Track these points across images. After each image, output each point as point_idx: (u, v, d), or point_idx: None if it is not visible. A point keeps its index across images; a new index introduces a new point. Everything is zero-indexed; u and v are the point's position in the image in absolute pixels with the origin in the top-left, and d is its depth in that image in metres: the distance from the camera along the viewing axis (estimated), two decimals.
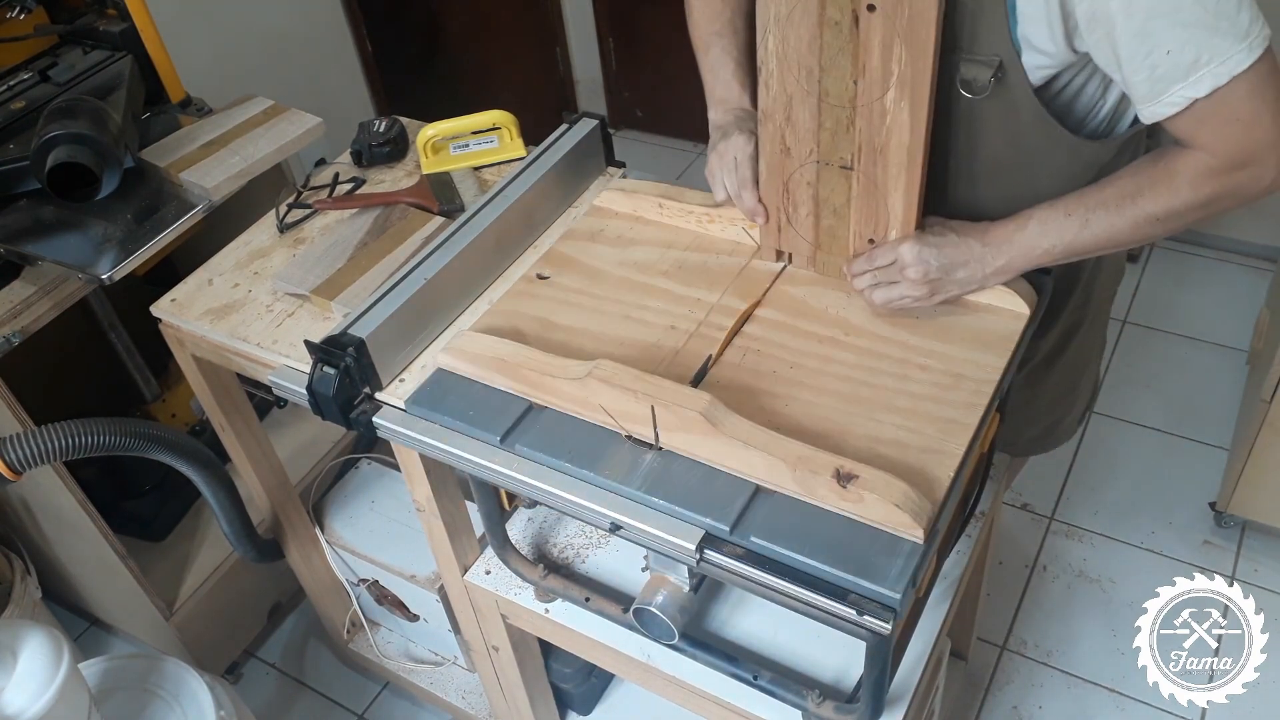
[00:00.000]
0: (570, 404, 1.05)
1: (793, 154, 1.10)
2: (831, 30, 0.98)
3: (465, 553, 1.39)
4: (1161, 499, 2.18)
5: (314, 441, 2.02)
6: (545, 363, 1.06)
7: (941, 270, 1.06)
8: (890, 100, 1.00)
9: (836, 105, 1.03)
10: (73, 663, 1.18)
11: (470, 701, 1.82)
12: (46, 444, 1.24)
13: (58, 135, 1.40)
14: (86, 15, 1.74)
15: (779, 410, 1.03)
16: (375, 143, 1.55)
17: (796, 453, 0.94)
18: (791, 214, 1.15)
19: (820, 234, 1.15)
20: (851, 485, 0.90)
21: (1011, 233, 1.05)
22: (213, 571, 1.93)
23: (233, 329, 1.29)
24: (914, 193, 1.05)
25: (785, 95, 1.05)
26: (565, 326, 1.16)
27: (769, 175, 1.14)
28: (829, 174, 1.09)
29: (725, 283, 1.19)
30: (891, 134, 1.02)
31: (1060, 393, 1.44)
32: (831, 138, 1.06)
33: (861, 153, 1.05)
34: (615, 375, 1.00)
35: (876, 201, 1.08)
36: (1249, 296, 2.55)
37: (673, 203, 1.27)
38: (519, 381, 1.08)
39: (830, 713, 1.10)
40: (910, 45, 0.95)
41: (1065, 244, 1.03)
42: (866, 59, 0.98)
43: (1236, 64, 0.88)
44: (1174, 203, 0.98)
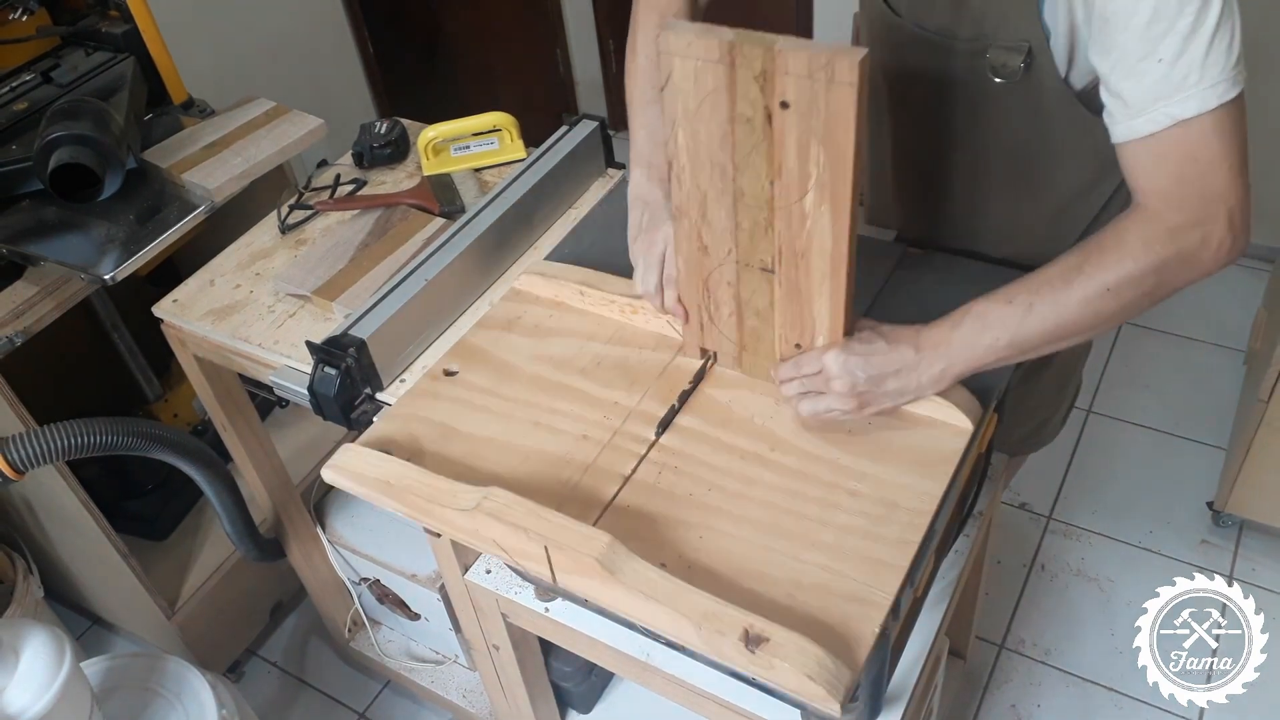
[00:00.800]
0: (461, 535, 0.96)
1: (710, 253, 1.02)
2: (744, 127, 0.90)
3: (466, 552, 1.39)
4: (1159, 498, 2.19)
5: (315, 441, 2.02)
6: (432, 489, 0.96)
7: (870, 382, 0.98)
8: (810, 204, 0.91)
9: (753, 205, 0.95)
10: (75, 662, 1.18)
11: (471, 700, 1.82)
12: (49, 444, 1.25)
13: (60, 136, 1.40)
14: (89, 17, 1.75)
15: (692, 543, 0.94)
16: (376, 144, 1.55)
17: (702, 608, 0.85)
18: (714, 313, 1.07)
19: (744, 335, 1.06)
20: (760, 650, 0.82)
21: (946, 332, 0.97)
22: (214, 570, 1.93)
23: (234, 329, 1.30)
24: (840, 299, 0.97)
25: (699, 192, 0.97)
26: (467, 435, 1.06)
27: (688, 272, 1.05)
28: (749, 275, 1.01)
29: (646, 384, 1.10)
30: (813, 238, 0.94)
31: (1053, 390, 1.44)
32: (750, 239, 0.98)
33: (782, 256, 0.97)
34: (505, 510, 0.92)
35: (800, 307, 1.00)
36: (1247, 296, 2.55)
37: (594, 291, 1.18)
38: (406, 506, 0.98)
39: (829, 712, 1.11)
40: (828, 147, 0.87)
41: (1009, 336, 0.95)
42: (782, 159, 0.90)
43: (1223, 92, 0.86)
44: (1125, 269, 0.91)
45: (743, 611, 0.84)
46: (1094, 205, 1.18)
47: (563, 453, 1.03)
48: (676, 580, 0.87)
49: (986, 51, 1.01)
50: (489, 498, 0.93)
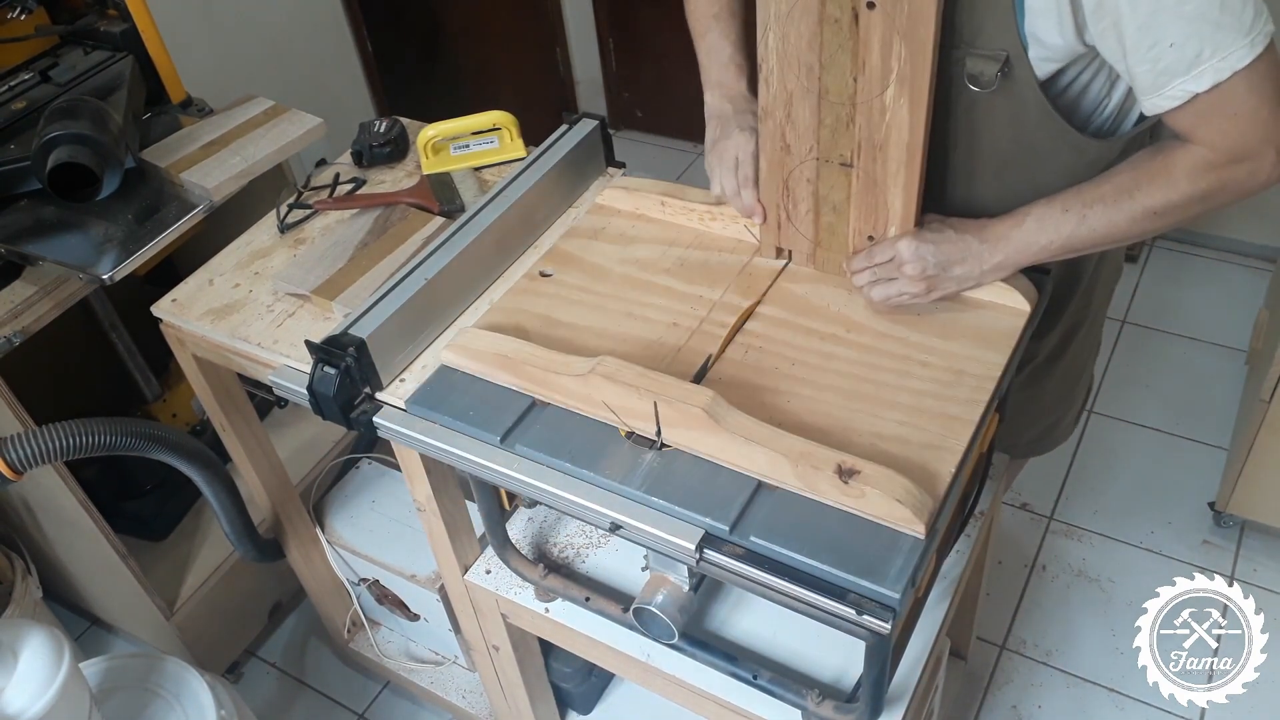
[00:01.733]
0: (573, 400, 1.05)
1: (793, 151, 1.10)
2: (831, 27, 0.98)
3: (465, 552, 1.39)
4: (1161, 499, 2.18)
5: (314, 441, 2.02)
6: (548, 359, 1.06)
7: (939, 267, 1.07)
8: (890, 97, 1.00)
9: (836, 102, 1.03)
10: (73, 662, 1.18)
11: (470, 701, 1.82)
12: (47, 444, 1.24)
13: (59, 135, 1.40)
14: (87, 16, 1.75)
15: (781, 407, 1.04)
16: (376, 143, 1.55)
17: (798, 448, 0.94)
18: (791, 211, 1.16)
19: (820, 231, 1.15)
20: (853, 481, 0.90)
21: (1009, 229, 1.06)
22: (213, 571, 1.93)
23: (233, 329, 1.30)
24: (913, 190, 1.06)
25: (785, 92, 1.06)
26: (568, 324, 1.16)
27: (769, 172, 1.14)
28: (829, 171, 1.09)
29: (727, 280, 1.20)
30: (891, 131, 1.02)
31: (1060, 393, 1.44)
32: (831, 135, 1.06)
33: (861, 150, 1.06)
34: (618, 371, 1.01)
35: (876, 199, 1.08)
36: (1248, 296, 2.55)
37: (674, 200, 1.28)
38: (522, 378, 1.08)
39: (830, 712, 1.11)
40: (909, 42, 0.95)
41: (1063, 239, 1.04)
42: (866, 56, 0.98)
43: (1238, 59, 0.88)
44: (1172, 196, 0.98)
45: (835, 450, 0.93)
46: None
47: (656, 337, 1.13)
48: (773, 427, 0.96)
49: (964, 61, 1.02)
50: (601, 363, 1.02)
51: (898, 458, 0.96)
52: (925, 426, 0.99)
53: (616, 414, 1.02)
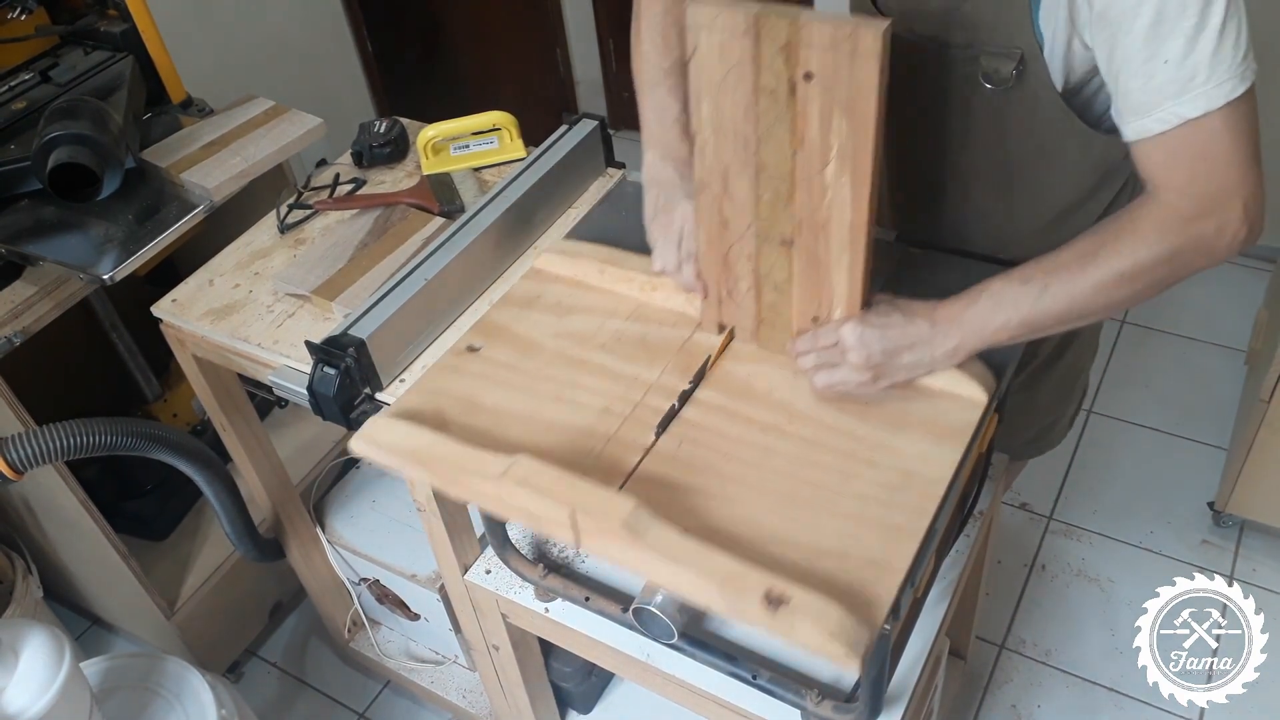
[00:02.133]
0: (489, 503, 0.98)
1: (731, 226, 1.03)
2: (767, 98, 0.92)
3: (465, 552, 1.39)
4: (1160, 499, 2.18)
5: (315, 441, 2.02)
6: (460, 458, 0.97)
7: (885, 355, 0.99)
8: (830, 174, 0.93)
9: (775, 177, 0.96)
10: (74, 662, 1.18)
11: (471, 700, 1.82)
12: (48, 444, 1.24)
13: (59, 136, 1.40)
14: (87, 16, 1.75)
15: (714, 511, 0.95)
16: (376, 143, 1.55)
17: (725, 569, 0.86)
18: (733, 287, 1.08)
19: (763, 309, 1.08)
20: (781, 610, 0.83)
21: (962, 309, 0.98)
22: (214, 571, 1.93)
23: (234, 329, 1.30)
24: (858, 271, 0.99)
25: (721, 165, 0.99)
26: (491, 408, 1.07)
27: (708, 246, 1.07)
28: (769, 249, 1.02)
29: (665, 359, 1.11)
30: (833, 210, 0.96)
31: (1058, 395, 1.44)
32: (771, 211, 0.99)
33: (802, 228, 0.99)
34: (533, 476, 0.93)
35: (819, 279, 1.01)
36: (1247, 296, 2.55)
37: (614, 269, 1.19)
38: (435, 476, 1.00)
39: (829, 712, 1.11)
40: (851, 117, 0.89)
41: (1021, 316, 0.96)
42: (805, 129, 0.92)
43: (1230, 90, 0.86)
44: (1140, 255, 0.92)
45: (765, 572, 0.86)
46: (1092, 213, 1.17)
47: (586, 424, 1.04)
48: (700, 543, 0.89)
49: (979, 58, 1.01)
50: (516, 465, 0.94)
51: (834, 577, 0.88)
52: (866, 539, 0.91)
53: (535, 520, 0.94)
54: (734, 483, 0.98)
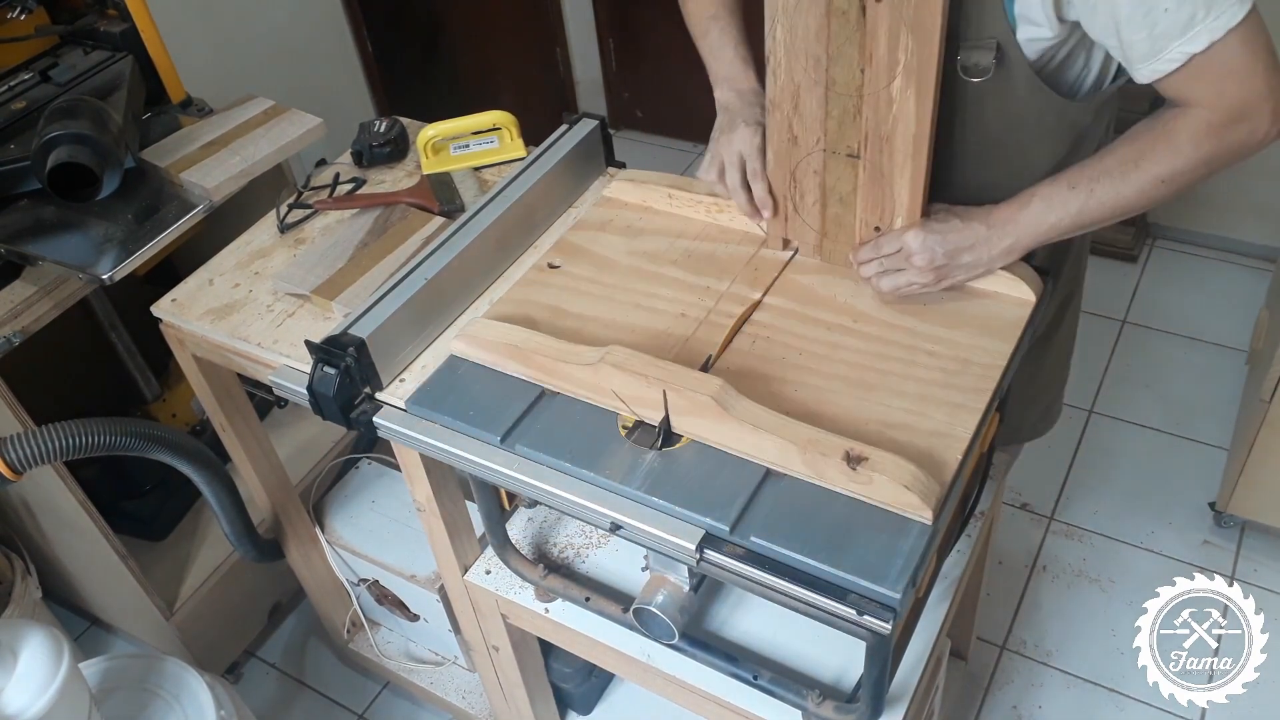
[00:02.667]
0: (583, 389, 1.06)
1: (800, 143, 1.11)
2: (839, 19, 0.99)
3: (465, 552, 1.39)
4: (1161, 499, 2.18)
5: (314, 441, 2.02)
6: (557, 348, 1.07)
7: (947, 256, 1.07)
8: (896, 89, 1.01)
9: (843, 94, 1.04)
10: (73, 662, 1.18)
11: (470, 701, 1.82)
12: (47, 444, 1.24)
13: (58, 135, 1.40)
14: (87, 16, 1.75)
15: (788, 395, 1.04)
16: (376, 143, 1.55)
17: (806, 435, 0.94)
18: (798, 202, 1.16)
19: (827, 222, 1.16)
20: (861, 467, 0.91)
21: (1015, 212, 1.06)
22: (213, 571, 1.93)
23: (233, 329, 1.30)
24: (919, 181, 1.07)
25: (793, 84, 1.07)
26: (576, 314, 1.17)
27: (776, 164, 1.15)
28: (835, 162, 1.10)
29: (734, 271, 1.20)
30: (898, 122, 1.03)
31: (1056, 368, 1.45)
32: (838, 126, 1.07)
33: (868, 141, 1.06)
34: (627, 361, 1.01)
35: (882, 190, 1.09)
36: (1248, 296, 2.55)
37: (682, 193, 1.29)
38: (531, 367, 1.09)
39: (830, 712, 1.10)
40: (917, 34, 0.96)
41: (1072, 216, 1.04)
42: (873, 48, 0.99)
43: (1231, 18, 0.90)
44: (1177, 162, 0.99)
45: (842, 438, 0.94)
46: None
47: (664, 328, 1.14)
48: (782, 415, 0.97)
49: (957, 53, 1.03)
50: (611, 352, 1.03)
51: (904, 445, 0.96)
52: (931, 414, 1.00)
53: (626, 403, 1.03)
54: (806, 372, 1.07)
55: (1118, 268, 2.72)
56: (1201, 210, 2.68)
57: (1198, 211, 2.69)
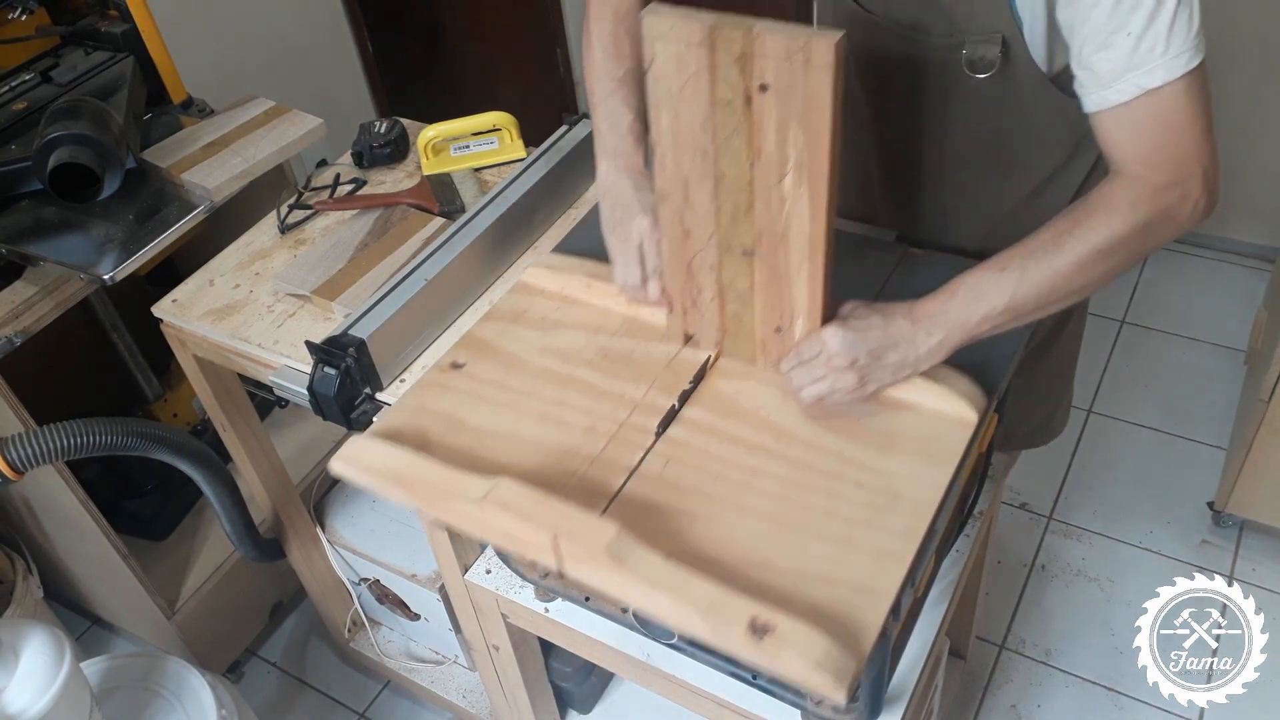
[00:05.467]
0: (470, 525, 0.97)
1: (693, 237, 1.03)
2: (724, 110, 0.92)
3: (465, 552, 1.39)
4: (1160, 499, 2.19)
5: (315, 441, 2.02)
6: (442, 480, 0.96)
7: (870, 356, 0.98)
8: (788, 185, 0.93)
9: (734, 188, 0.97)
10: (74, 662, 1.18)
11: (471, 700, 1.82)
12: (48, 444, 1.24)
13: (60, 136, 1.40)
14: (88, 16, 1.75)
15: (699, 534, 0.94)
16: (376, 144, 1.55)
17: (708, 597, 0.85)
18: (697, 298, 1.08)
19: (726, 320, 1.08)
20: (767, 639, 0.82)
21: (942, 305, 0.98)
22: (214, 571, 1.93)
23: (234, 329, 1.30)
24: (818, 282, 0.99)
25: (681, 175, 0.99)
26: (475, 427, 1.05)
27: (671, 256, 1.06)
28: (731, 259, 1.02)
29: (652, 375, 1.09)
30: (791, 220, 0.95)
31: (1056, 377, 1.44)
32: (731, 222, 0.99)
33: (762, 239, 0.98)
34: (515, 500, 0.92)
35: (781, 289, 1.01)
36: (1247, 296, 2.56)
37: (601, 283, 1.18)
38: (416, 498, 0.99)
39: (829, 712, 1.11)
40: (806, 129, 0.89)
41: (1004, 303, 0.96)
42: (762, 141, 0.92)
43: (1187, 61, 0.90)
44: (1114, 229, 0.93)
45: (749, 600, 0.84)
46: (1070, 185, 1.20)
47: (570, 444, 1.03)
48: (683, 569, 0.87)
49: (962, 47, 1.02)
50: (497, 488, 0.93)
51: (821, 605, 0.86)
52: (854, 563, 0.90)
53: (516, 543, 0.93)
54: (720, 505, 0.96)
55: None
56: None
57: None
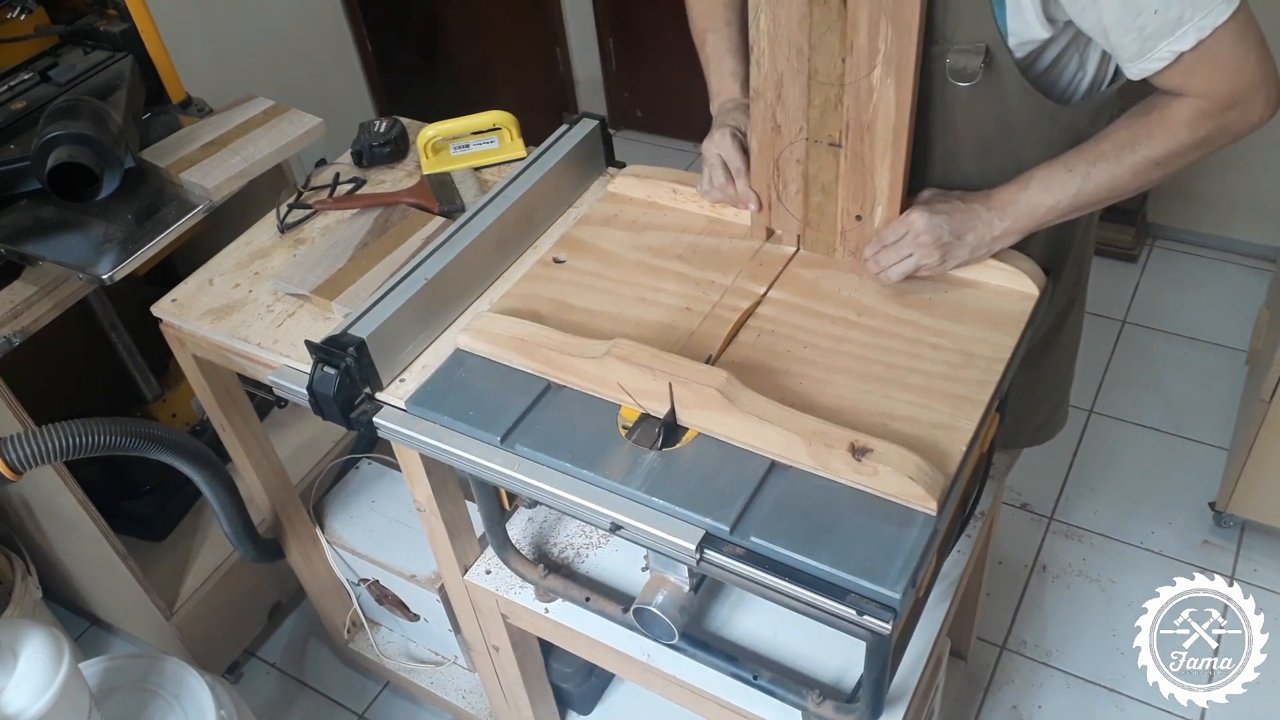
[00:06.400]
0: (588, 383, 1.07)
1: (783, 132, 1.12)
2: (820, 8, 1.01)
3: (465, 552, 1.39)
4: (1161, 499, 2.18)
5: (314, 441, 2.02)
6: (563, 342, 1.07)
7: (953, 234, 1.09)
8: (877, 78, 1.02)
9: (825, 83, 1.06)
10: (73, 662, 1.18)
11: (470, 701, 1.82)
12: (47, 444, 1.24)
13: (58, 135, 1.40)
14: (87, 16, 1.74)
15: (793, 388, 1.05)
16: (376, 143, 1.55)
17: (811, 427, 0.95)
18: (782, 191, 1.18)
19: (809, 211, 1.17)
20: (866, 459, 0.91)
21: (1014, 194, 1.08)
22: (213, 571, 1.93)
23: (233, 329, 1.30)
24: (899, 170, 1.08)
25: (776, 73, 1.08)
26: (582, 308, 1.18)
27: (760, 153, 1.16)
28: (818, 151, 1.11)
29: (738, 266, 1.21)
30: (878, 111, 1.04)
31: (1058, 374, 1.45)
32: (820, 115, 1.08)
33: (849, 130, 1.08)
34: (633, 353, 1.02)
35: (864, 178, 1.11)
36: (1248, 296, 2.55)
37: (686, 188, 1.29)
38: (538, 361, 1.09)
39: (830, 712, 1.11)
40: (896, 24, 0.97)
41: (1069, 198, 1.06)
42: (854, 37, 1.01)
43: (1218, 15, 0.91)
44: (1172, 146, 1.01)
45: (848, 430, 0.94)
46: None
47: (669, 321, 1.14)
48: (787, 407, 0.97)
49: (945, 56, 1.04)
50: (617, 345, 1.03)
51: (909, 437, 0.97)
52: (936, 407, 1.01)
53: (632, 395, 1.03)
54: (811, 365, 1.07)
55: (1118, 268, 2.72)
56: (1201, 210, 2.68)
57: (1198, 211, 2.69)
